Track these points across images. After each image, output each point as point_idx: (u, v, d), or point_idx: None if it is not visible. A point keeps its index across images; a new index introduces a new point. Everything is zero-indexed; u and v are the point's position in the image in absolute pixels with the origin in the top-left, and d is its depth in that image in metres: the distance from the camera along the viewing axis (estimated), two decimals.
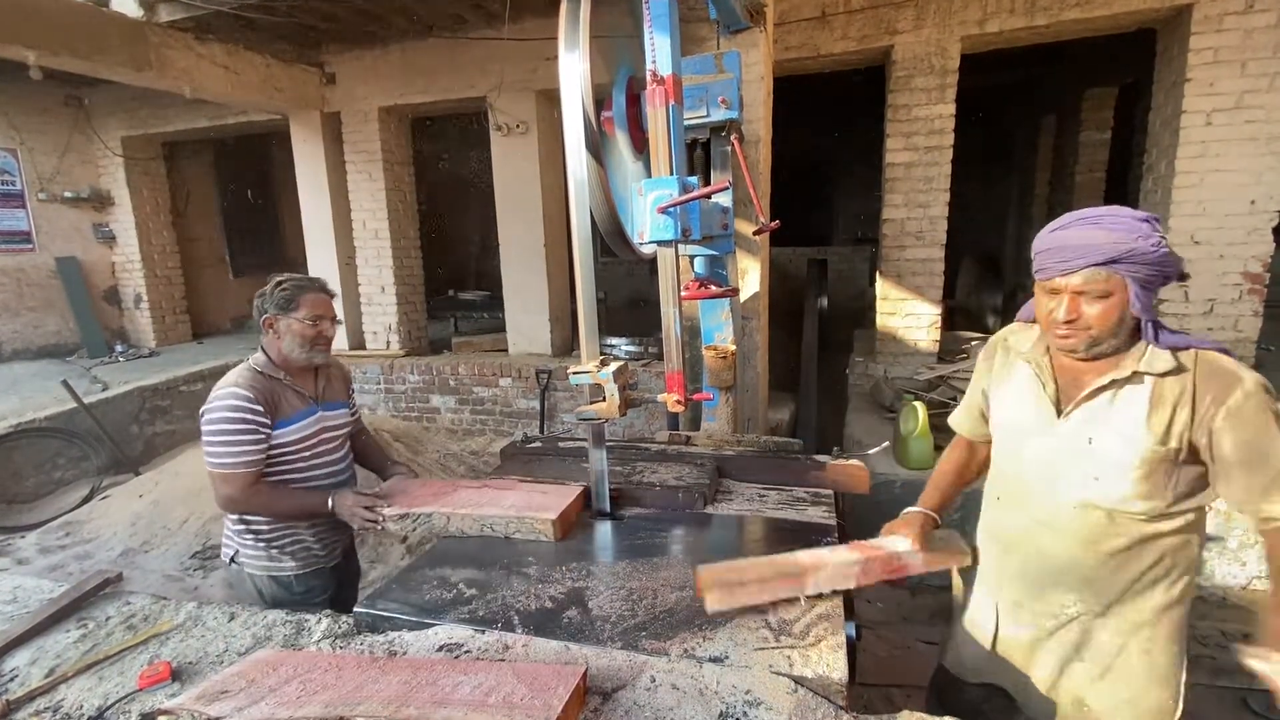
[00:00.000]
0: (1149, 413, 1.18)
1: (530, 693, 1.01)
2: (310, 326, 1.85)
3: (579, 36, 1.49)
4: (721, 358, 2.57)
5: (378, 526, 1.75)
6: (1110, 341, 1.20)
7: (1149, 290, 1.17)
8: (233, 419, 1.75)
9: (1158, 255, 1.14)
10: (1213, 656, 2.61)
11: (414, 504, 1.79)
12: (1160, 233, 1.16)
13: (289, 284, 1.86)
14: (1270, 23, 3.74)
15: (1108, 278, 1.16)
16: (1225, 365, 1.16)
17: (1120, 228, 1.16)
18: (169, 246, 7.70)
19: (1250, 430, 1.13)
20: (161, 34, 4.52)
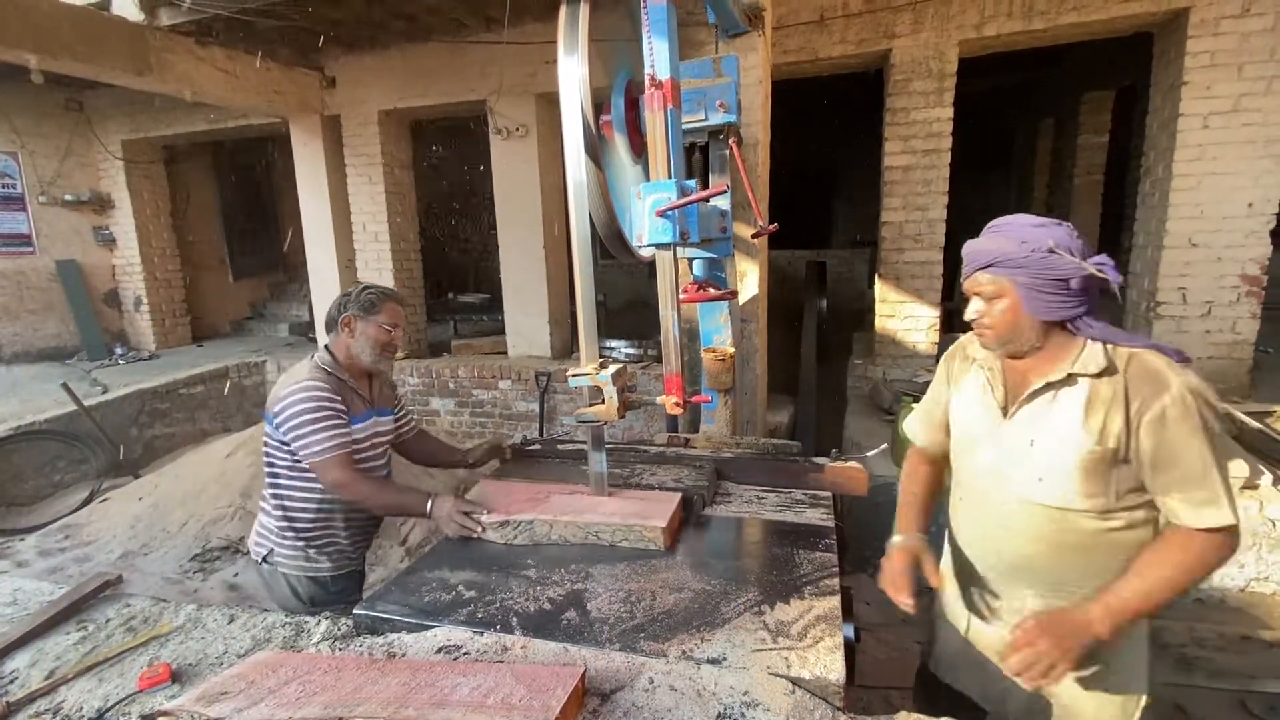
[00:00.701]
0: (1085, 414, 1.21)
1: (529, 694, 1.02)
2: (386, 332, 1.92)
3: (578, 40, 1.50)
4: (720, 360, 2.58)
5: (475, 533, 1.71)
6: (1018, 341, 1.26)
7: (1041, 293, 1.21)
8: (320, 406, 1.79)
9: (1034, 259, 1.19)
10: (1211, 659, 2.61)
11: (512, 511, 1.74)
12: (1052, 238, 1.19)
13: (373, 290, 1.95)
14: (1267, 26, 3.75)
15: (992, 280, 1.24)
16: (1155, 368, 1.18)
17: (1008, 234, 1.24)
18: (169, 249, 7.71)
19: (1169, 434, 1.15)
20: (162, 38, 4.54)
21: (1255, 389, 4.19)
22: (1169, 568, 1.17)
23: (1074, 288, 1.20)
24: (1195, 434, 1.14)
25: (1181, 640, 2.72)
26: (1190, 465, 1.15)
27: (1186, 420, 1.14)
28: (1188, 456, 1.15)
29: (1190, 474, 1.15)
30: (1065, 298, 1.21)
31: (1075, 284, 1.19)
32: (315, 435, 1.78)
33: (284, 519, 1.92)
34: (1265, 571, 2.87)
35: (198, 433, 5.92)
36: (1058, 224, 1.23)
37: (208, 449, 4.55)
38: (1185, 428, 1.14)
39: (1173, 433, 1.15)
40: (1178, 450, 1.15)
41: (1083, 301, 1.22)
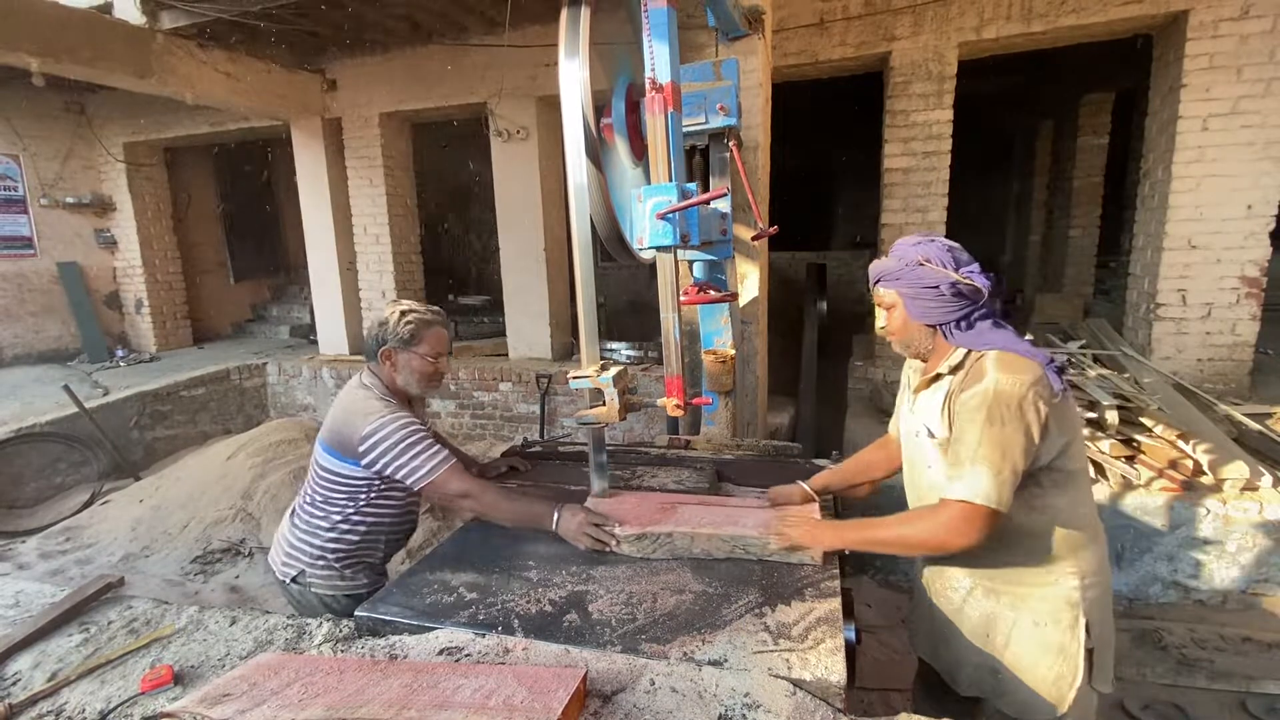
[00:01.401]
0: (942, 406, 1.38)
1: (530, 695, 1.02)
2: (430, 364, 1.80)
3: (579, 44, 1.51)
4: (721, 362, 2.58)
5: (609, 547, 1.61)
6: (913, 343, 1.45)
7: (920, 301, 1.38)
8: (412, 430, 1.71)
9: (907, 271, 1.38)
10: (1211, 660, 2.61)
11: (644, 523, 1.63)
12: (920, 254, 1.36)
13: (413, 317, 1.79)
14: (1265, 28, 3.76)
15: (884, 292, 1.44)
16: (985, 366, 1.31)
17: (893, 253, 1.43)
18: (170, 252, 7.72)
19: (962, 417, 1.30)
20: (164, 41, 4.55)
21: (1255, 390, 4.19)
22: (913, 524, 1.39)
23: (946, 294, 1.34)
24: (979, 421, 1.26)
25: (1182, 642, 2.72)
26: (963, 444, 1.29)
27: (980, 409, 1.27)
28: (965, 437, 1.29)
29: (959, 452, 1.30)
30: (942, 303, 1.36)
31: (946, 290, 1.34)
32: (421, 457, 1.69)
33: (330, 544, 1.82)
34: (1266, 573, 2.87)
35: (199, 435, 5.92)
36: (932, 240, 1.40)
37: (209, 451, 4.55)
38: (976, 415, 1.27)
39: (964, 416, 1.30)
40: (961, 431, 1.30)
41: (961, 305, 1.36)
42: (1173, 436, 3.09)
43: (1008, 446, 1.24)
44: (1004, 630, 1.40)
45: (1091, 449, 3.12)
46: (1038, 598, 1.37)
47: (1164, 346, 4.23)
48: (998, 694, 1.42)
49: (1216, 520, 2.88)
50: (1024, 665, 1.38)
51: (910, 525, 1.39)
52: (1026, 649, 1.37)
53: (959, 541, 1.29)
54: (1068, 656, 1.35)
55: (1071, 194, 7.02)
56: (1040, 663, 1.36)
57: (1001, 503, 1.25)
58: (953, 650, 1.49)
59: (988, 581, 1.42)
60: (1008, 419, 1.25)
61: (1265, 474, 2.92)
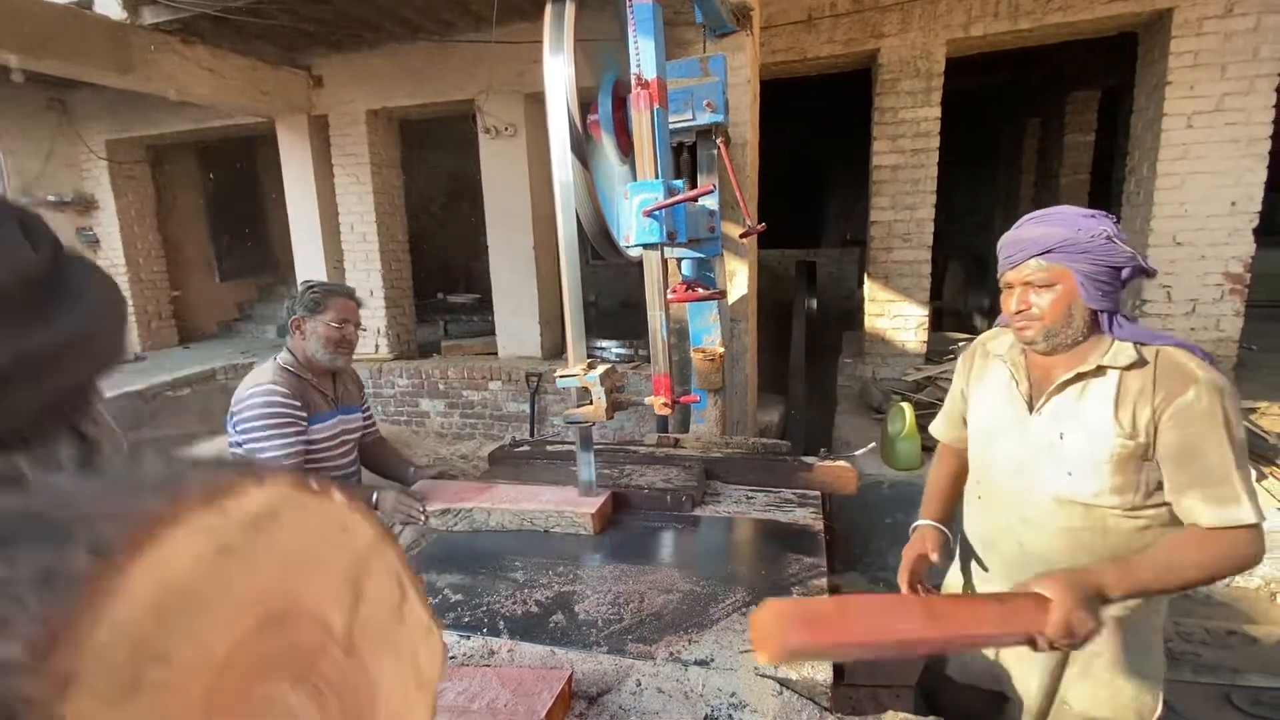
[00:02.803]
0: (1115, 407, 1.20)
1: (514, 698, 1.01)
2: (335, 330, 1.92)
3: (564, 40, 1.49)
4: (710, 360, 2.57)
5: (418, 522, 1.80)
6: (1066, 332, 1.23)
7: (1097, 281, 1.19)
8: (273, 412, 1.80)
9: (1096, 244, 1.17)
10: (1197, 653, 2.64)
11: (453, 500, 1.85)
12: (1106, 227, 1.19)
13: (319, 287, 1.96)
14: (1249, 26, 3.79)
15: (1049, 267, 1.21)
16: (1183, 363, 1.17)
17: (1061, 222, 1.22)
18: (154, 250, 7.63)
19: (1191, 428, 1.14)
20: (145, 36, 4.49)
21: (1239, 386, 4.23)
22: (1187, 564, 1.14)
23: (1126, 277, 1.20)
24: (1217, 430, 1.12)
25: (1167, 635, 2.74)
26: (1211, 461, 1.13)
27: (1210, 416, 1.12)
28: (1209, 452, 1.13)
29: (1211, 470, 1.13)
30: (1115, 288, 1.20)
31: (1128, 273, 1.19)
32: (263, 441, 1.80)
33: None
34: None
35: (184, 436, 5.86)
36: (1106, 215, 1.22)
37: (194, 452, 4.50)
38: (1208, 423, 1.13)
39: (1195, 427, 1.13)
40: (1199, 445, 1.13)
41: (1120, 295, 1.22)
42: None
43: (1246, 451, 1.15)
44: (1083, 660, 1.27)
45: None
46: (1132, 622, 1.26)
47: None
48: None
49: None
50: (1104, 699, 1.28)
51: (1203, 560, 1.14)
52: (1109, 681, 1.27)
53: (1253, 566, 1.17)
54: (1151, 687, 1.27)
55: (1058, 191, 7.07)
56: (1124, 693, 1.27)
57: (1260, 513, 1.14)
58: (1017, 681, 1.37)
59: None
60: (1235, 421, 1.14)
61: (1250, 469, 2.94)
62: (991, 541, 1.42)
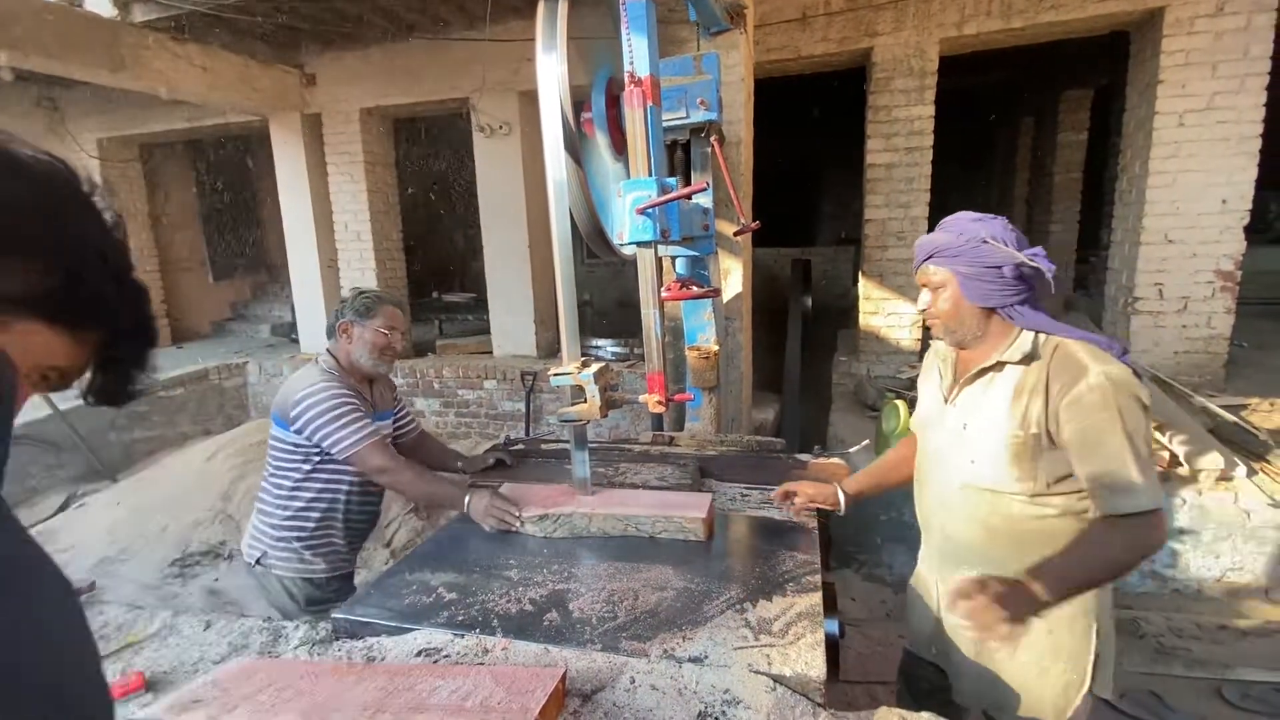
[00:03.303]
0: (1011, 399, 1.28)
1: (508, 696, 1.01)
2: (384, 336, 1.93)
3: (557, 38, 1.49)
4: (704, 358, 2.58)
5: (514, 527, 1.72)
6: (962, 329, 1.34)
7: (978, 281, 1.29)
8: (342, 400, 1.82)
9: (969, 248, 1.28)
10: (1188, 648, 2.65)
11: (547, 505, 1.75)
12: (984, 231, 1.28)
13: (370, 293, 1.96)
14: (1240, 25, 3.82)
15: (935, 270, 1.34)
16: (1077, 356, 1.23)
17: (947, 228, 1.35)
18: (146, 250, 7.58)
19: (1085, 420, 1.20)
20: (136, 34, 4.46)
21: (1230, 382, 4.26)
22: (1115, 550, 1.20)
23: (1008, 275, 1.26)
24: (1111, 421, 1.18)
25: (1159, 630, 2.76)
26: (1107, 451, 1.18)
27: (1103, 407, 1.18)
28: (1105, 442, 1.18)
29: (1108, 460, 1.18)
30: (1000, 285, 1.28)
31: (1009, 272, 1.26)
32: (348, 427, 1.80)
33: (287, 521, 1.91)
34: (1240, 561, 2.92)
35: (178, 436, 5.83)
36: (994, 218, 1.31)
37: (187, 452, 4.48)
38: (1101, 414, 1.18)
39: (1089, 419, 1.19)
40: (1095, 436, 1.19)
41: (1019, 290, 1.28)
42: None
43: (1148, 439, 1.18)
44: (1012, 636, 1.31)
45: None
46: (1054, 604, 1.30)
47: (1142, 340, 4.29)
48: (996, 705, 1.38)
49: (1193, 510, 2.92)
50: (1031, 674, 1.33)
51: (1115, 552, 1.20)
52: (1036, 656, 1.32)
53: (1157, 551, 1.23)
54: (1077, 664, 1.31)
55: (1051, 189, 7.10)
56: (1050, 670, 1.32)
57: (1158, 499, 1.18)
58: (954, 656, 1.45)
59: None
60: (1137, 412, 1.18)
61: (1240, 465, 2.97)
62: (924, 526, 1.53)
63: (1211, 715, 2.33)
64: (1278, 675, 2.46)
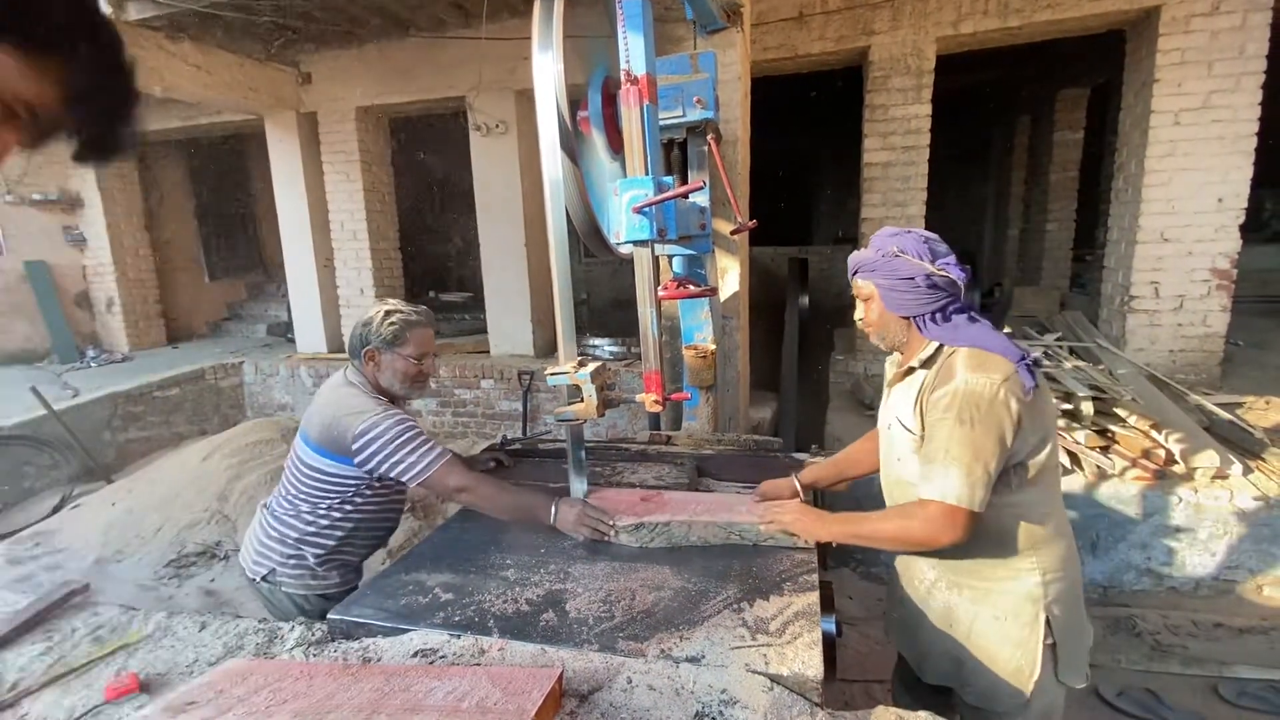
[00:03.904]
0: (915, 402, 1.37)
1: (504, 697, 1.00)
2: (415, 365, 1.78)
3: (553, 36, 1.48)
4: (701, 357, 2.57)
5: (608, 537, 1.64)
6: (889, 336, 1.45)
7: (895, 292, 1.38)
8: (408, 425, 1.70)
9: (883, 262, 1.38)
10: (1184, 645, 2.66)
11: (640, 513, 1.68)
12: (896, 245, 1.36)
13: (398, 317, 1.77)
14: (1236, 24, 3.82)
15: (862, 284, 1.45)
16: (955, 364, 1.31)
17: (870, 244, 1.44)
18: (142, 249, 7.55)
19: (932, 416, 1.31)
20: (130, 32, 4.44)
21: (1225, 380, 4.27)
22: (895, 521, 1.38)
23: (922, 285, 1.34)
24: (950, 421, 1.26)
25: (1156, 628, 2.77)
26: (932, 444, 1.30)
27: (950, 409, 1.27)
28: (936, 436, 1.29)
29: (929, 451, 1.30)
30: (915, 295, 1.36)
31: (921, 282, 1.34)
32: (418, 453, 1.68)
33: (308, 538, 1.79)
34: (1236, 560, 2.93)
35: (173, 436, 5.81)
36: (908, 232, 1.39)
37: (183, 453, 4.46)
38: (946, 415, 1.28)
39: (936, 415, 1.30)
40: (932, 430, 1.31)
41: (936, 297, 1.35)
42: (1146, 427, 3.14)
43: (979, 447, 1.24)
44: (965, 622, 1.42)
45: (1067, 440, 3.16)
46: (998, 592, 1.38)
47: (1138, 338, 4.30)
48: (962, 683, 1.44)
49: (1188, 508, 2.93)
50: (983, 657, 1.40)
51: (891, 522, 1.40)
52: (987, 641, 1.39)
53: (939, 540, 1.29)
54: (1027, 650, 1.36)
55: (1048, 188, 7.11)
56: (1000, 655, 1.38)
57: (975, 503, 1.25)
58: (920, 639, 1.52)
59: (951, 575, 1.44)
60: (978, 419, 1.24)
61: (1235, 462, 2.97)
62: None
63: (1208, 713, 2.34)
64: (1274, 672, 2.47)
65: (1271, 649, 2.63)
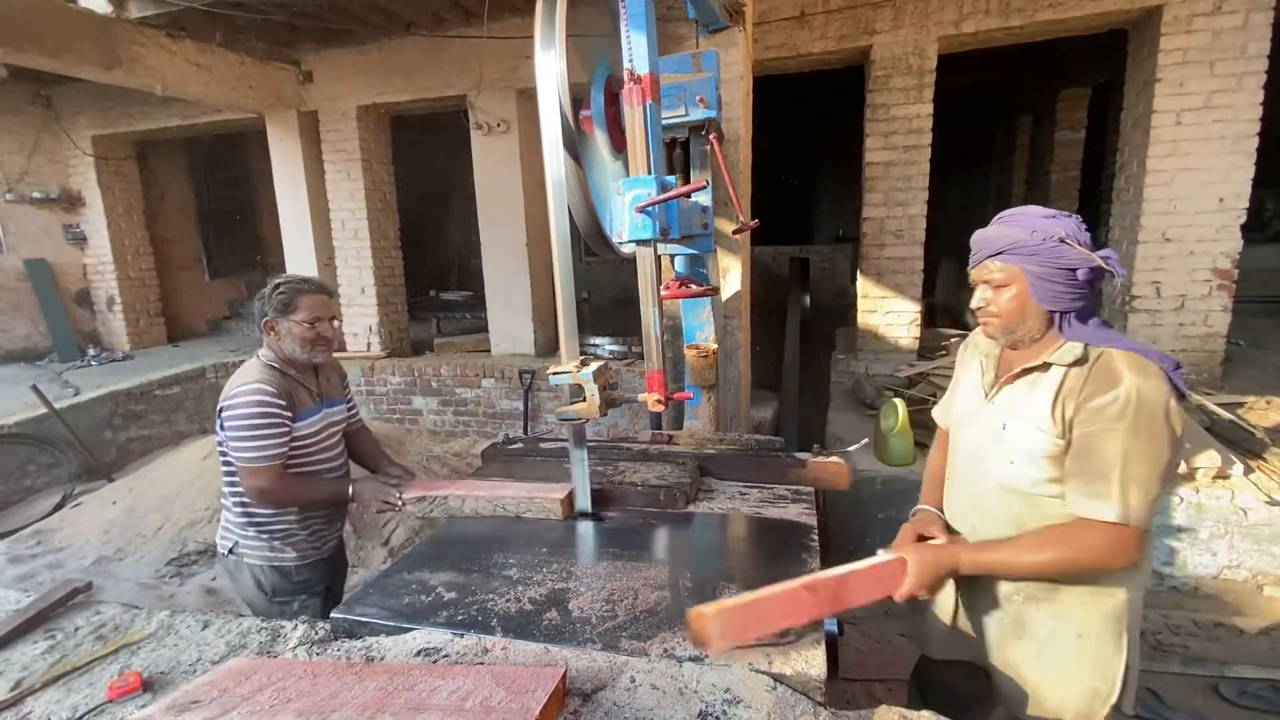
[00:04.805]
0: (1054, 403, 1.23)
1: (508, 696, 1.01)
2: (309, 329, 1.87)
3: (555, 35, 1.48)
4: (703, 356, 2.57)
5: (395, 509, 1.86)
6: (1022, 329, 1.29)
7: (1049, 282, 1.23)
8: (260, 413, 1.78)
9: (1046, 247, 1.21)
10: (1185, 645, 2.66)
11: (429, 489, 1.91)
12: (1061, 229, 1.22)
13: (286, 286, 1.88)
14: (1238, 24, 3.82)
15: (1002, 268, 1.27)
16: (1116, 365, 1.19)
17: (1018, 224, 1.27)
18: (142, 248, 7.54)
19: (1095, 426, 1.17)
20: (131, 31, 4.43)
21: (1227, 380, 4.27)
22: (1059, 547, 1.21)
23: (1080, 279, 1.21)
24: (1121, 431, 1.15)
25: (1156, 628, 2.77)
26: (1101, 458, 1.17)
27: (1122, 418, 1.15)
28: (1103, 450, 1.16)
29: (1098, 465, 1.17)
30: (1070, 289, 1.23)
31: (1082, 275, 1.21)
32: (249, 443, 1.78)
33: (244, 513, 1.92)
34: (1237, 559, 2.93)
35: (174, 435, 5.81)
36: (1068, 215, 1.25)
37: (184, 451, 4.47)
38: (1118, 424, 1.15)
39: (1100, 425, 1.17)
40: (1096, 442, 1.17)
41: (1083, 295, 1.24)
42: None
43: (1157, 461, 1.14)
44: (1040, 639, 1.31)
45: None
46: (1085, 608, 1.28)
47: (1139, 338, 4.30)
48: (1018, 705, 1.35)
49: (1189, 508, 2.93)
50: (1053, 678, 1.31)
51: (1051, 550, 1.22)
52: (1062, 661, 1.30)
53: (1115, 566, 1.19)
54: (1107, 673, 1.28)
55: (1049, 188, 7.11)
56: (1075, 676, 1.29)
57: (1150, 522, 1.15)
58: (976, 651, 1.42)
59: (1031, 587, 1.32)
60: (1154, 432, 1.14)
61: (1236, 462, 2.97)
62: (954, 521, 1.47)
63: (1209, 712, 2.34)
64: (1274, 672, 2.47)
65: (1272, 649, 2.63)
